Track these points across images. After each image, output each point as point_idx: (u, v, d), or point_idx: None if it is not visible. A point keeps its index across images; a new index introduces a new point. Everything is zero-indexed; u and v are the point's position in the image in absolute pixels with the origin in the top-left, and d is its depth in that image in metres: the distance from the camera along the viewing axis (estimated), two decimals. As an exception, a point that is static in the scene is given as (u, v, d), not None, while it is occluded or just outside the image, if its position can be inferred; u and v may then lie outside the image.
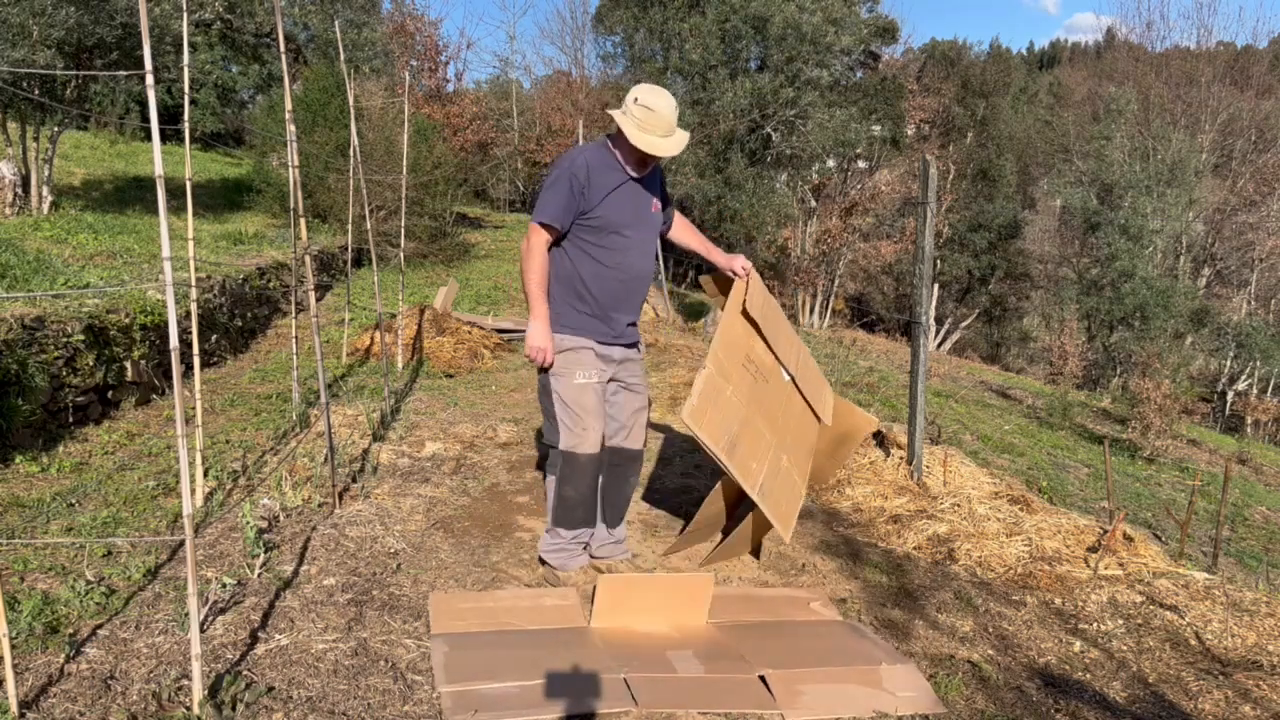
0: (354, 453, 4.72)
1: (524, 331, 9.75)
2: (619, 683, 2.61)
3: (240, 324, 7.46)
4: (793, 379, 3.69)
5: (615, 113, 3.15)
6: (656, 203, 3.36)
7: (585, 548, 3.45)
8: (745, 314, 3.47)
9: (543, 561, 3.46)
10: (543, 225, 3.17)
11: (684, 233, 3.61)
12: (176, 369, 2.36)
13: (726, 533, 3.69)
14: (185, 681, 2.45)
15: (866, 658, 2.91)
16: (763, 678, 2.70)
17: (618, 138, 3.19)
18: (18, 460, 4.16)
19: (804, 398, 3.76)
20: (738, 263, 3.52)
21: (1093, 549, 3.96)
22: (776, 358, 3.61)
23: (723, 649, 2.89)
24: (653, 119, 3.06)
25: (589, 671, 2.65)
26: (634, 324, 3.40)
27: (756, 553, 3.75)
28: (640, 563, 3.60)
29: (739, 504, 3.62)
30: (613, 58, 21.13)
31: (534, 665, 2.66)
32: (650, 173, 3.30)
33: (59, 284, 5.51)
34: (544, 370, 3.28)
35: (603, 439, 3.28)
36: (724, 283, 3.67)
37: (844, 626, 3.17)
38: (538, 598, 3.19)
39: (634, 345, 3.42)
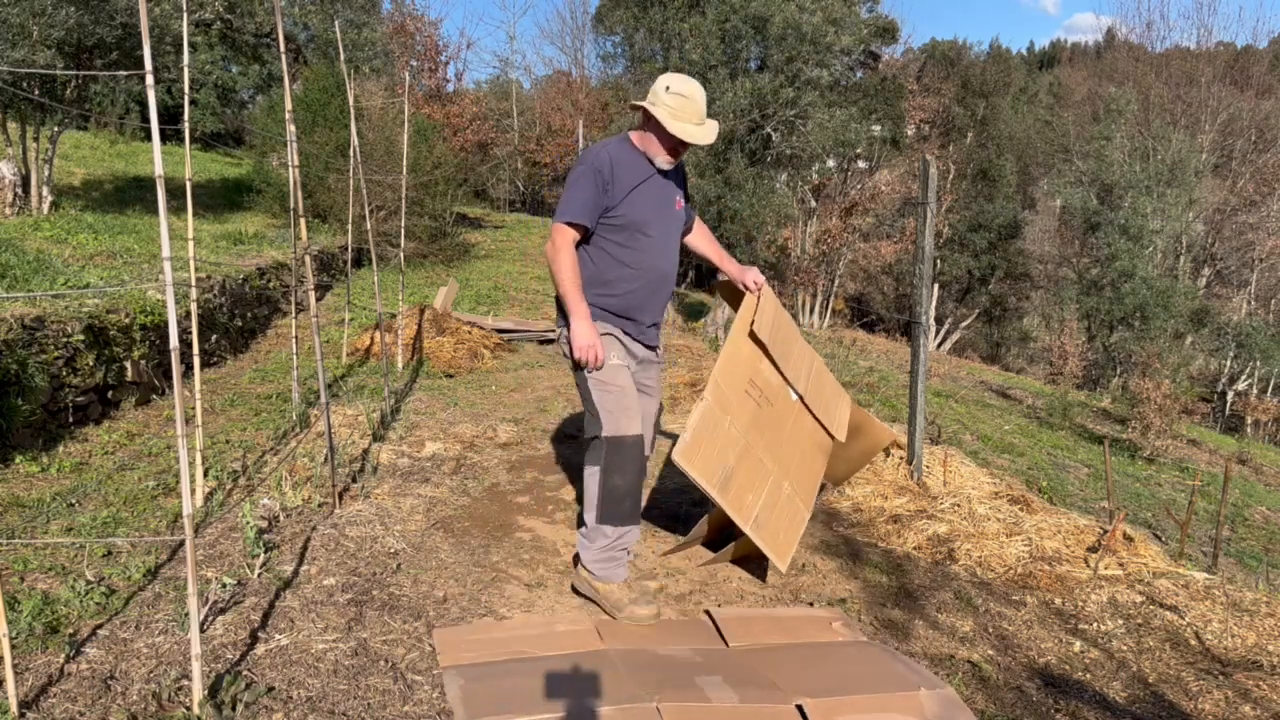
0: (354, 453, 4.72)
1: (524, 332, 9.70)
2: (651, 712, 2.48)
3: (240, 324, 7.46)
4: (801, 398, 3.58)
5: (644, 104, 3.05)
6: (680, 199, 3.26)
7: (630, 555, 3.25)
8: (753, 336, 3.38)
9: (577, 561, 3.26)
10: (569, 224, 3.01)
11: (700, 239, 3.50)
12: (176, 369, 2.36)
13: (722, 544, 3.67)
14: (185, 681, 2.45)
15: (903, 683, 2.76)
16: (800, 707, 2.57)
17: (646, 129, 3.09)
18: (18, 460, 4.16)
19: (814, 416, 3.65)
20: (750, 276, 3.42)
21: (1093, 549, 3.96)
22: (784, 377, 3.52)
23: (752, 674, 2.76)
24: (687, 106, 3.00)
25: (618, 700, 2.52)
26: (656, 327, 3.31)
27: (762, 574, 3.67)
28: (640, 563, 3.60)
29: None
30: (613, 58, 21.14)
31: (558, 695, 2.53)
32: (676, 167, 3.22)
33: (59, 284, 5.51)
34: (580, 368, 3.13)
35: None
36: (735, 292, 3.57)
37: (872, 648, 3.05)
38: (548, 624, 3.05)
39: (654, 348, 3.34)
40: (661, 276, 3.20)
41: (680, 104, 2.99)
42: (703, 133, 3.03)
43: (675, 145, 3.07)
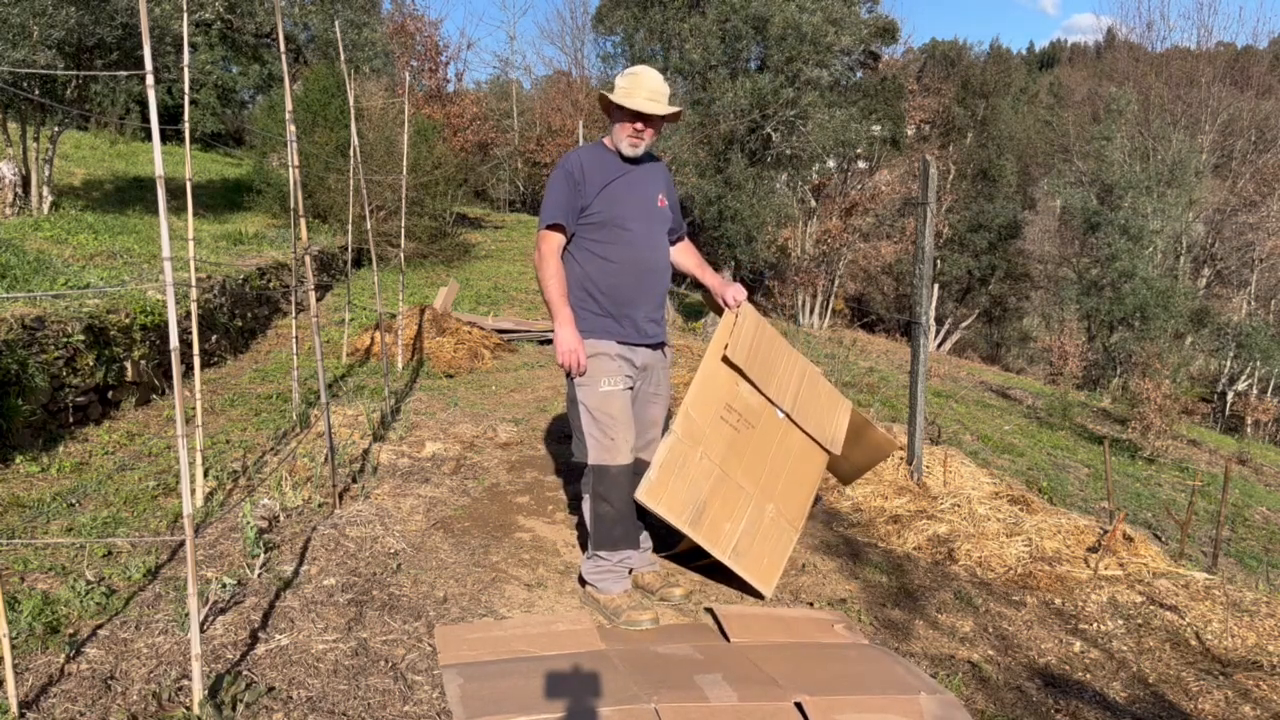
0: (354, 453, 4.72)
1: (524, 332, 9.71)
2: (650, 713, 2.47)
3: (240, 324, 7.46)
4: (788, 415, 3.50)
5: (601, 91, 3.24)
6: (662, 198, 3.30)
7: (630, 573, 3.30)
8: (727, 360, 3.30)
9: (583, 583, 3.34)
10: (549, 228, 3.15)
11: (682, 253, 3.51)
12: (176, 369, 2.36)
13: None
14: (185, 681, 2.45)
15: (903, 686, 2.75)
16: (799, 705, 2.56)
17: (609, 114, 3.24)
18: (18, 460, 4.16)
19: (804, 432, 3.57)
20: (729, 292, 3.36)
21: (1093, 549, 3.96)
22: (767, 398, 3.43)
23: (752, 671, 2.76)
24: (634, 82, 3.15)
25: (617, 702, 2.52)
26: (656, 322, 3.30)
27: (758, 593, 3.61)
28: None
29: None
30: (613, 58, 21.08)
31: (557, 695, 2.54)
32: (650, 166, 3.31)
33: (59, 284, 5.52)
34: (573, 377, 3.17)
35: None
36: (719, 306, 3.49)
37: (873, 651, 3.05)
38: (548, 624, 3.05)
39: (659, 347, 3.33)
40: (648, 267, 3.24)
41: (629, 82, 3.16)
42: (652, 106, 3.14)
43: (633, 123, 3.17)
